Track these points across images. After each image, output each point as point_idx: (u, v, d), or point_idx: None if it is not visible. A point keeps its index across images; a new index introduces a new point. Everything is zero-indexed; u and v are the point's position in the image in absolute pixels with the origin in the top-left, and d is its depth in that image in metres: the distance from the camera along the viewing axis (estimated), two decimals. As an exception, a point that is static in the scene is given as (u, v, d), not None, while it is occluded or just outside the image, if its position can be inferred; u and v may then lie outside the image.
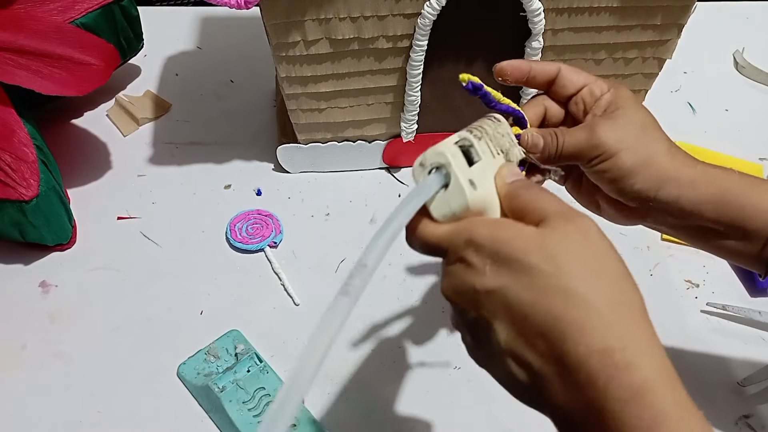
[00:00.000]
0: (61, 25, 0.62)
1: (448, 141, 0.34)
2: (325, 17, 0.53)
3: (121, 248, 0.61)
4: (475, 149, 0.34)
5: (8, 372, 0.53)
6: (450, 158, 0.33)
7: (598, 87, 0.40)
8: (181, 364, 0.53)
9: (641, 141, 0.39)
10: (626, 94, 0.40)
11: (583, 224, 0.30)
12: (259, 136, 0.71)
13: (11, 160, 0.55)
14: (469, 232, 0.31)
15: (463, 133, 0.35)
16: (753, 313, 0.56)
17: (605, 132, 0.38)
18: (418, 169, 0.34)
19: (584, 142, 0.39)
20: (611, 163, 0.38)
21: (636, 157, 0.38)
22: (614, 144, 0.38)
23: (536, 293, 0.28)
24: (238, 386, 0.50)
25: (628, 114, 0.39)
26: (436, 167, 0.33)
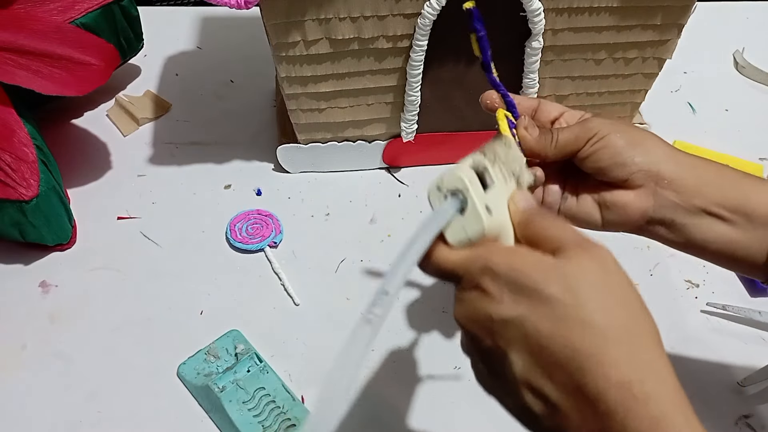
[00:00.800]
0: (61, 25, 0.62)
1: (463, 164, 0.34)
2: (325, 17, 0.53)
3: (121, 248, 0.61)
4: (489, 174, 0.34)
5: (8, 372, 0.53)
6: (467, 183, 0.32)
7: (574, 113, 0.42)
8: (181, 364, 0.53)
9: (633, 130, 0.40)
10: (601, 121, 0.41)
11: (600, 254, 0.30)
12: (259, 136, 0.71)
13: (11, 160, 0.55)
14: (486, 260, 0.31)
15: (476, 156, 0.35)
16: (753, 313, 0.56)
17: (596, 121, 0.40)
18: (435, 193, 0.34)
19: (578, 126, 0.40)
20: (607, 140, 0.39)
21: (629, 138, 0.39)
22: (607, 127, 0.39)
23: (555, 324, 0.28)
24: (238, 386, 0.50)
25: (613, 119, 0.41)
26: (452, 192, 0.33)
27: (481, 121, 0.65)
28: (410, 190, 0.67)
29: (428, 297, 0.59)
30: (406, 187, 0.68)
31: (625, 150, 0.39)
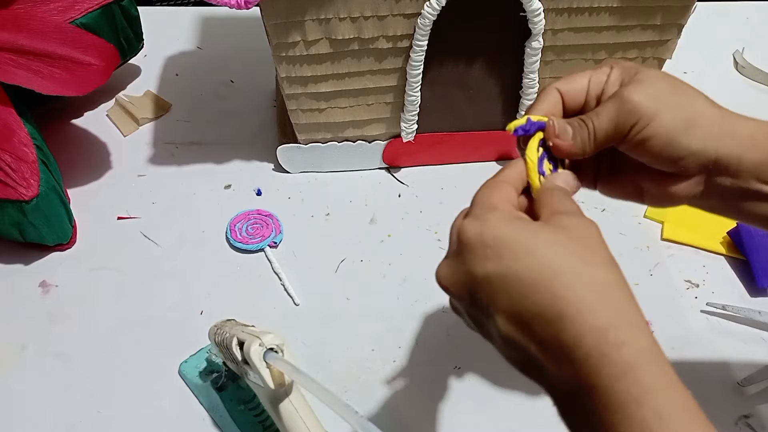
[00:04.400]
0: (61, 25, 0.62)
1: None
2: (325, 17, 0.53)
3: (121, 248, 0.61)
4: None
5: (8, 372, 0.53)
6: None
7: (600, 72, 0.36)
8: (183, 363, 0.53)
9: (678, 95, 0.34)
10: (630, 63, 0.36)
11: (587, 223, 0.31)
12: (259, 136, 0.71)
13: (11, 160, 0.55)
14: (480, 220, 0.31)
15: None
16: (753, 313, 0.56)
17: (635, 94, 0.33)
18: None
19: (615, 113, 0.34)
20: (655, 127, 0.33)
21: (681, 114, 0.33)
22: (651, 103, 0.33)
23: (536, 273, 0.29)
24: (239, 386, 0.50)
25: (649, 74, 0.34)
26: None
27: (481, 121, 0.65)
28: (410, 190, 0.67)
29: (428, 296, 0.59)
30: (406, 187, 0.68)
31: (679, 137, 0.33)
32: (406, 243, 0.63)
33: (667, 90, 0.34)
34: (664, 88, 0.34)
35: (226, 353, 0.43)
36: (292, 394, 0.42)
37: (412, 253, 0.62)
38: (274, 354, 0.39)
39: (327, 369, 0.54)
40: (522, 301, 0.29)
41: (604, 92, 0.35)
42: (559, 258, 0.29)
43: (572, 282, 0.28)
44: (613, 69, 0.36)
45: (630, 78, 0.35)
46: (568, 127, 0.35)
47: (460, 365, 0.55)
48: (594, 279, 0.29)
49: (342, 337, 0.56)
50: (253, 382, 0.43)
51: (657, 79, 0.34)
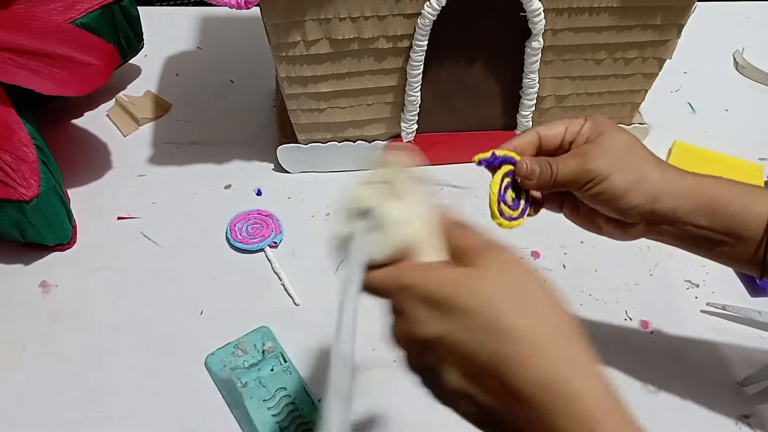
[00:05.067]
0: (61, 25, 0.62)
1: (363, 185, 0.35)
2: (325, 17, 0.53)
3: (121, 248, 0.61)
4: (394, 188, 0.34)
5: (8, 372, 0.53)
6: (373, 201, 0.33)
7: (576, 122, 0.43)
8: (209, 355, 0.54)
9: (630, 161, 0.41)
10: (603, 120, 0.42)
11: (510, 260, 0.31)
12: (259, 136, 0.71)
13: (11, 160, 0.55)
14: (400, 280, 0.32)
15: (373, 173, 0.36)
16: (753, 313, 0.56)
17: (594, 158, 0.40)
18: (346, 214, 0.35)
19: (576, 169, 0.41)
20: (605, 185, 0.40)
21: (628, 177, 0.40)
22: (605, 167, 0.40)
23: (476, 335, 0.28)
24: (261, 384, 0.50)
25: (612, 137, 0.41)
26: (363, 212, 0.34)
27: (481, 121, 0.65)
28: (410, 190, 0.67)
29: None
30: (406, 187, 0.68)
31: (624, 195, 0.40)
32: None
33: (621, 155, 0.41)
34: (619, 152, 0.41)
35: None
36: None
37: (412, 253, 0.62)
38: None
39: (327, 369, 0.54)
40: (473, 358, 0.29)
41: (575, 141, 0.42)
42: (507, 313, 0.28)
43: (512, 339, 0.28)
44: (586, 122, 0.42)
45: (596, 136, 0.41)
46: (536, 168, 0.42)
47: (460, 365, 0.55)
48: (538, 330, 0.28)
49: (342, 337, 0.56)
50: None
51: (615, 143, 0.41)
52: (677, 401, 0.52)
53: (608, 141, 0.41)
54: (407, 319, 0.31)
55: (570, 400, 0.27)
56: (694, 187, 0.41)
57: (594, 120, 0.42)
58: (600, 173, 0.40)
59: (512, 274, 0.30)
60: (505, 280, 0.30)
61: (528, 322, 0.28)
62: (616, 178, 0.40)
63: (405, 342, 0.32)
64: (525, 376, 0.28)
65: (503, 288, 0.29)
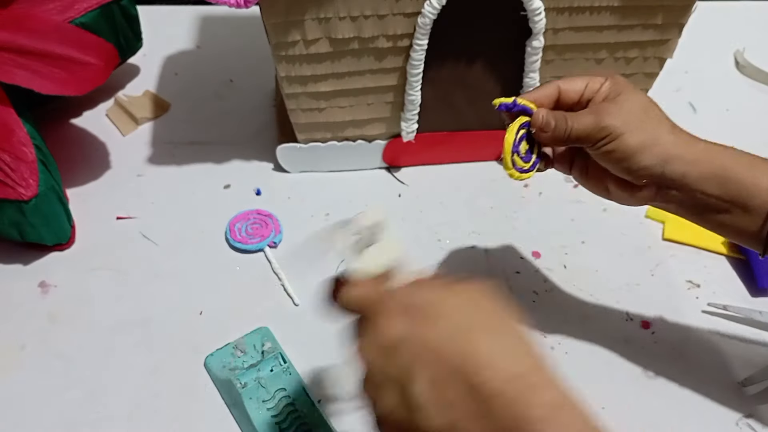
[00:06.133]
0: (61, 24, 0.62)
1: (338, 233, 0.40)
2: (324, 16, 0.53)
3: (120, 248, 0.61)
4: None
5: (8, 372, 0.53)
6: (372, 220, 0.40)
7: (596, 80, 0.44)
8: (209, 356, 0.53)
9: (645, 122, 0.41)
10: (622, 80, 0.43)
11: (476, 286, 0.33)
12: (259, 136, 0.71)
13: (10, 160, 0.55)
14: (385, 288, 0.35)
15: None
16: (754, 313, 0.56)
17: (610, 115, 0.41)
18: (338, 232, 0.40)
19: (591, 125, 0.41)
20: (617, 143, 0.41)
21: (641, 137, 0.41)
22: (620, 126, 0.41)
23: (449, 336, 0.30)
24: (260, 384, 0.50)
25: (629, 98, 0.42)
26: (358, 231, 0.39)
27: (481, 120, 0.65)
28: (410, 190, 0.67)
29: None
30: (406, 187, 0.68)
31: (635, 155, 0.41)
32: (406, 243, 0.63)
33: (636, 115, 0.41)
34: (635, 113, 0.41)
35: None
36: None
37: (412, 253, 0.62)
38: None
39: (327, 369, 0.54)
40: (439, 362, 0.30)
41: (593, 99, 0.43)
42: (469, 320, 0.31)
43: (484, 340, 0.30)
44: (606, 81, 0.43)
45: (615, 96, 0.42)
46: (552, 121, 0.42)
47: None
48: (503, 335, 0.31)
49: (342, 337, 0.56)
50: None
51: (632, 104, 0.42)
52: (678, 401, 0.52)
53: (625, 101, 0.42)
54: (378, 326, 0.33)
55: (540, 389, 0.29)
56: (705, 153, 0.41)
57: (614, 79, 0.43)
58: (614, 131, 0.41)
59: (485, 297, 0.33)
60: (478, 298, 0.32)
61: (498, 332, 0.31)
62: (628, 137, 0.41)
63: (373, 352, 0.33)
64: (494, 369, 0.29)
65: (477, 304, 0.32)
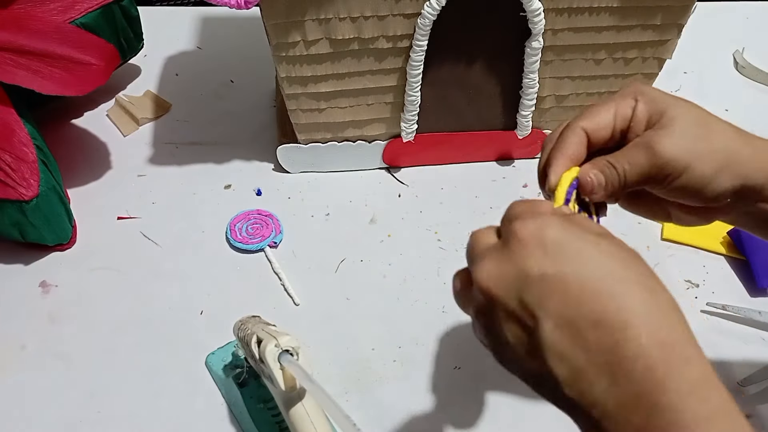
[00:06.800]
0: (61, 25, 0.62)
1: None
2: (325, 17, 0.53)
3: (121, 248, 0.61)
4: None
5: (8, 372, 0.53)
6: None
7: (624, 104, 0.35)
8: (210, 354, 0.54)
9: (711, 140, 0.34)
10: (656, 93, 0.35)
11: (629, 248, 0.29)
12: (259, 136, 0.71)
13: (11, 160, 0.55)
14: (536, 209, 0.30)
15: None
16: (753, 313, 0.56)
17: (667, 147, 0.33)
18: None
19: (648, 164, 0.34)
20: (688, 176, 0.34)
21: (714, 160, 0.34)
22: (684, 155, 0.33)
23: (598, 281, 0.27)
24: (260, 384, 0.50)
25: (679, 115, 0.34)
26: None
27: (482, 121, 0.65)
28: (410, 190, 0.67)
29: (428, 296, 0.59)
30: (406, 187, 0.68)
31: (711, 183, 0.34)
32: (406, 243, 0.63)
33: (698, 136, 0.34)
34: (695, 133, 0.34)
35: (247, 350, 0.44)
36: (305, 399, 0.41)
37: (412, 253, 0.62)
38: (288, 356, 0.39)
39: (327, 369, 0.54)
40: (580, 307, 0.27)
41: (631, 129, 0.35)
42: (623, 270, 0.27)
43: (639, 295, 0.27)
44: (638, 103, 0.35)
45: (658, 118, 0.34)
46: (602, 180, 0.35)
47: (460, 365, 0.55)
48: (659, 296, 0.27)
49: (342, 337, 0.56)
50: (268, 382, 0.43)
51: (686, 123, 0.34)
52: (677, 401, 0.52)
53: (677, 121, 0.34)
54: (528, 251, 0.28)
55: (683, 363, 0.26)
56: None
57: (647, 97, 0.35)
58: (678, 165, 0.33)
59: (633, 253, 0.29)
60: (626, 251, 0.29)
61: (648, 286, 0.27)
62: (699, 165, 0.33)
63: (508, 278, 0.29)
64: (644, 330, 0.26)
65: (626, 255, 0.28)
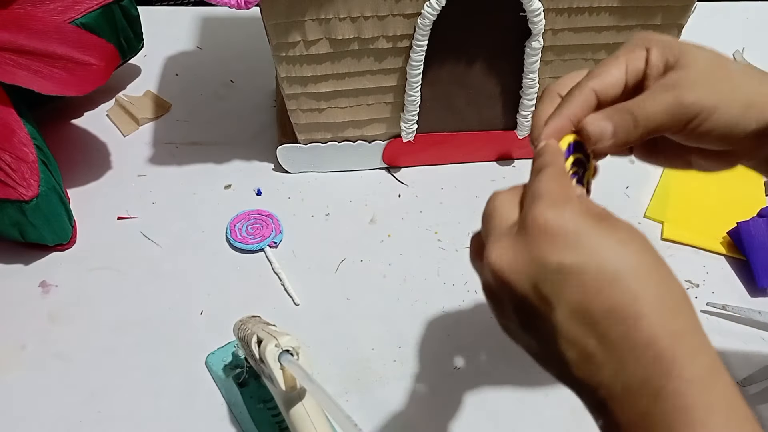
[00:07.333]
0: (61, 25, 0.62)
1: None
2: (325, 17, 0.53)
3: (121, 248, 0.61)
4: None
5: (8, 372, 0.53)
6: None
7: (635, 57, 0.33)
8: (210, 354, 0.54)
9: (731, 81, 0.32)
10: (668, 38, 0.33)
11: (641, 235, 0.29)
12: (259, 136, 0.71)
13: (11, 160, 0.55)
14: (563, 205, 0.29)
15: None
16: (753, 313, 0.56)
17: (692, 88, 0.32)
18: None
19: (672, 107, 0.32)
20: (715, 120, 0.32)
21: (739, 101, 0.32)
22: (710, 96, 0.32)
23: (614, 271, 0.27)
24: (260, 384, 0.50)
25: (697, 57, 0.32)
26: None
27: (481, 120, 0.65)
28: (410, 190, 0.67)
29: (428, 296, 0.59)
30: (406, 187, 0.68)
31: (738, 123, 0.32)
32: (406, 243, 0.63)
33: (721, 77, 0.32)
34: (718, 75, 0.32)
35: (247, 350, 0.44)
36: (306, 399, 0.41)
37: (412, 253, 0.62)
38: (289, 356, 0.39)
39: (327, 369, 0.54)
40: (596, 295, 0.27)
41: (648, 76, 0.33)
42: (638, 260, 0.28)
43: (653, 285, 0.27)
44: (651, 51, 0.33)
45: (674, 61, 0.32)
46: (608, 126, 0.32)
47: (460, 365, 0.55)
48: (672, 288, 0.28)
49: (342, 337, 0.56)
50: (268, 382, 0.43)
51: (706, 65, 0.32)
52: (677, 401, 0.52)
53: (695, 62, 0.32)
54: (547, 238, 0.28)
55: (692, 353, 0.26)
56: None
57: (659, 43, 0.33)
58: (704, 106, 0.31)
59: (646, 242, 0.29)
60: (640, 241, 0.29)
61: (663, 277, 0.28)
62: (726, 106, 0.32)
63: (523, 264, 0.28)
64: (657, 319, 0.26)
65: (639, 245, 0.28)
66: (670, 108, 0.32)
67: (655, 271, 0.28)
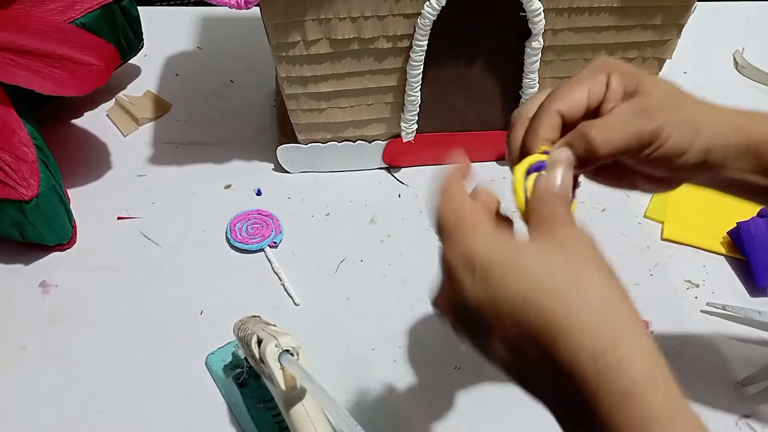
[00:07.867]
0: (61, 25, 0.62)
1: None
2: (325, 17, 0.53)
3: (121, 248, 0.61)
4: None
5: (8, 372, 0.53)
6: None
7: (597, 81, 0.35)
8: (210, 354, 0.54)
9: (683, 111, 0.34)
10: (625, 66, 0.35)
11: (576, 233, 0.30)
12: (259, 136, 0.71)
13: (11, 160, 0.55)
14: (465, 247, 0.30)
15: None
16: (753, 313, 0.56)
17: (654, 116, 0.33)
18: None
19: (636, 133, 0.33)
20: (670, 146, 0.34)
21: (687, 131, 0.34)
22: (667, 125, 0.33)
23: (525, 298, 0.27)
24: (260, 384, 0.50)
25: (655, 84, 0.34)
26: None
27: (482, 121, 0.65)
28: (410, 190, 0.67)
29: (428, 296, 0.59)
30: (406, 187, 0.68)
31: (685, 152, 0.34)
32: (406, 243, 0.63)
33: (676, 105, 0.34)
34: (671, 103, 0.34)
35: (247, 350, 0.44)
36: (306, 399, 0.41)
37: (412, 253, 0.62)
38: (289, 356, 0.39)
39: (327, 369, 0.54)
40: (515, 326, 0.28)
41: (607, 100, 0.34)
42: (550, 277, 0.27)
43: (564, 302, 0.27)
44: (611, 77, 0.34)
45: (633, 89, 0.34)
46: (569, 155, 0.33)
47: (460, 365, 0.55)
48: (588, 297, 0.27)
49: (342, 337, 0.56)
50: (268, 382, 0.43)
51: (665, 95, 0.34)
52: (677, 401, 0.52)
53: (655, 90, 0.34)
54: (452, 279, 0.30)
55: (615, 371, 0.26)
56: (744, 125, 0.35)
57: (618, 70, 0.34)
58: (662, 133, 0.33)
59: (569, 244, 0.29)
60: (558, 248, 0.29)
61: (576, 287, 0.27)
62: (678, 134, 0.33)
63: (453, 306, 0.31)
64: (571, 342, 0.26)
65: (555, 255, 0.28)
66: (635, 133, 0.33)
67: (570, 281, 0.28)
